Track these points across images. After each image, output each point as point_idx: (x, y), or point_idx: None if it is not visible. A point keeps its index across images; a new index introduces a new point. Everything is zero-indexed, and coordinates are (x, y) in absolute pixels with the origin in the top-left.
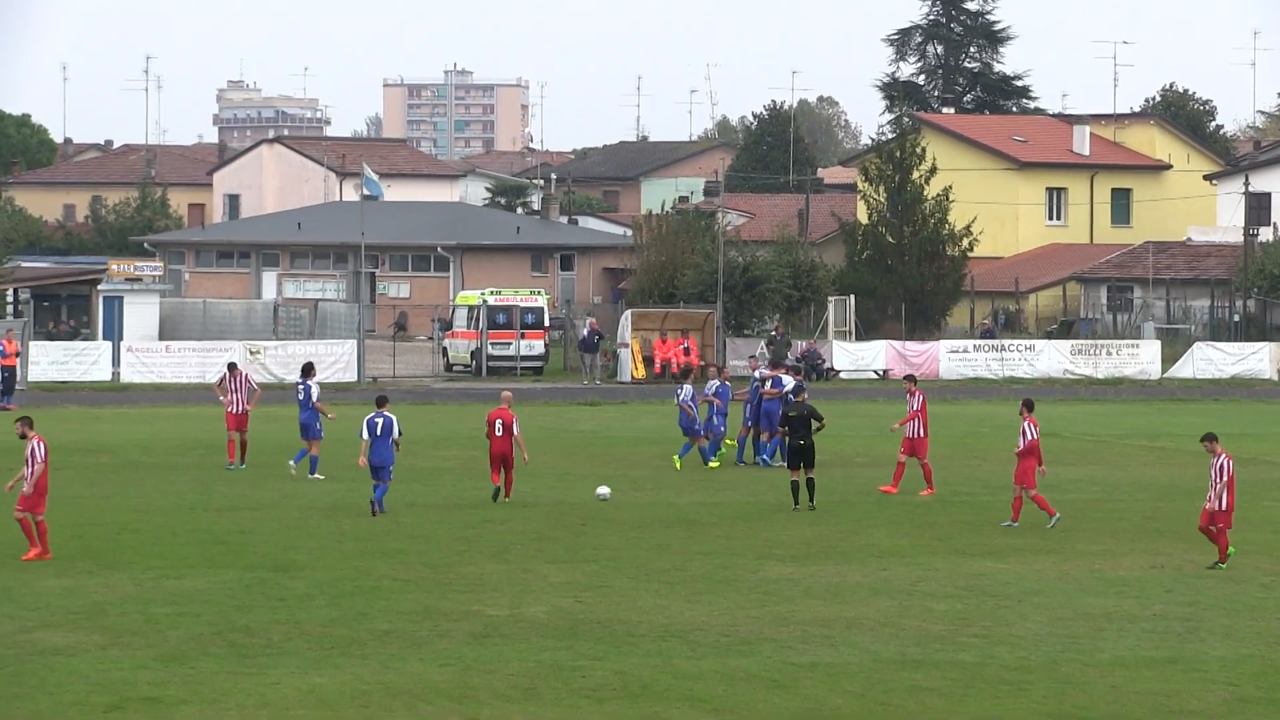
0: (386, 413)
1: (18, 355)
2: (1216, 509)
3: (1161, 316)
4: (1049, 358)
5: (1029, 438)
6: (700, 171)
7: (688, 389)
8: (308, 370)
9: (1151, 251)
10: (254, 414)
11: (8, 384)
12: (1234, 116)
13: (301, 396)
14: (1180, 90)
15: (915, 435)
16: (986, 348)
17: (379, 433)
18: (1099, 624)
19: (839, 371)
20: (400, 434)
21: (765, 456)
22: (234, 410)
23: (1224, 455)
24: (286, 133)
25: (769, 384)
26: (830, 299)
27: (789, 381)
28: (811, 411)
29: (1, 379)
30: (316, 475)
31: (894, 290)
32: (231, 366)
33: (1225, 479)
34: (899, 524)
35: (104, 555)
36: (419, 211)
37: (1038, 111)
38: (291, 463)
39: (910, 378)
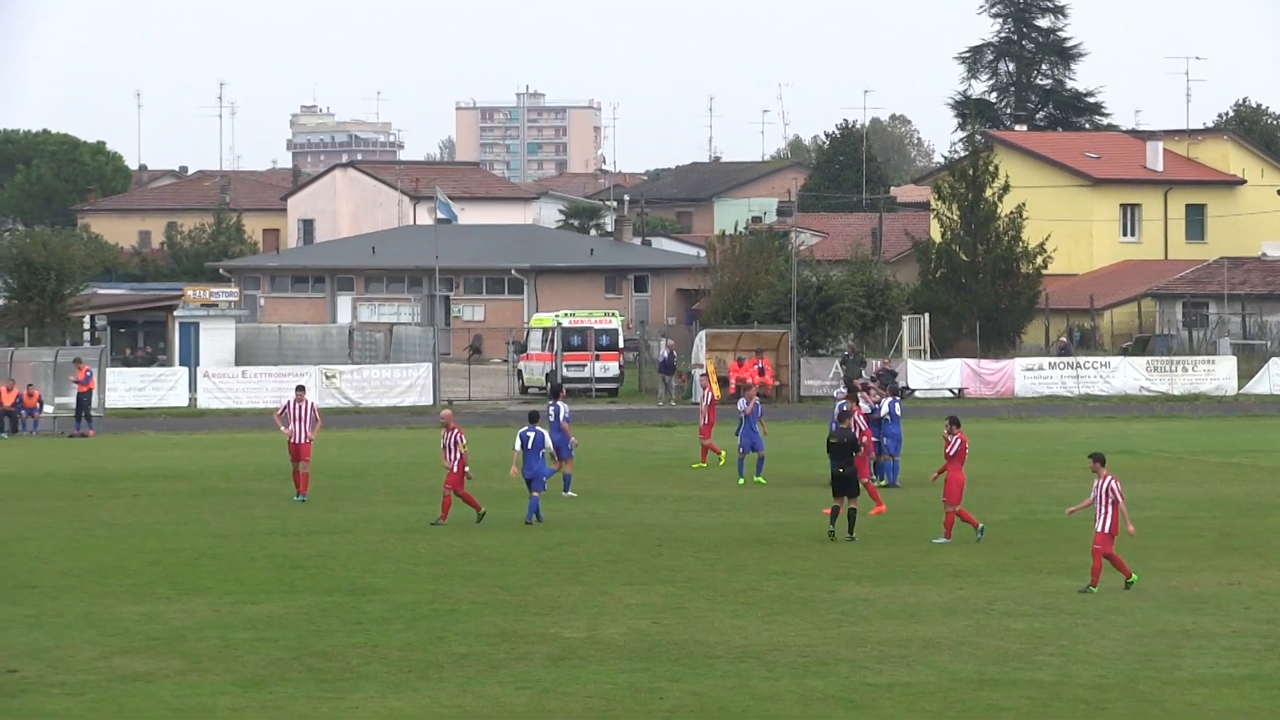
0: (538, 427)
1: (90, 380)
2: (1102, 531)
3: (1237, 332)
4: (1124, 375)
5: (954, 450)
6: (773, 191)
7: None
8: (556, 391)
9: (1226, 267)
10: (330, 439)
11: (83, 410)
12: None
13: (552, 418)
14: (1253, 105)
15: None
16: (1062, 365)
17: (530, 446)
18: (1177, 641)
19: (914, 390)
20: (548, 448)
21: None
22: (296, 440)
23: (1109, 477)
24: (360, 157)
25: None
26: (904, 318)
27: (884, 403)
28: (853, 439)
29: (77, 405)
30: (570, 493)
31: (968, 308)
32: (300, 390)
33: (1112, 500)
34: (973, 543)
35: (182, 581)
36: (492, 234)
37: (1110, 128)
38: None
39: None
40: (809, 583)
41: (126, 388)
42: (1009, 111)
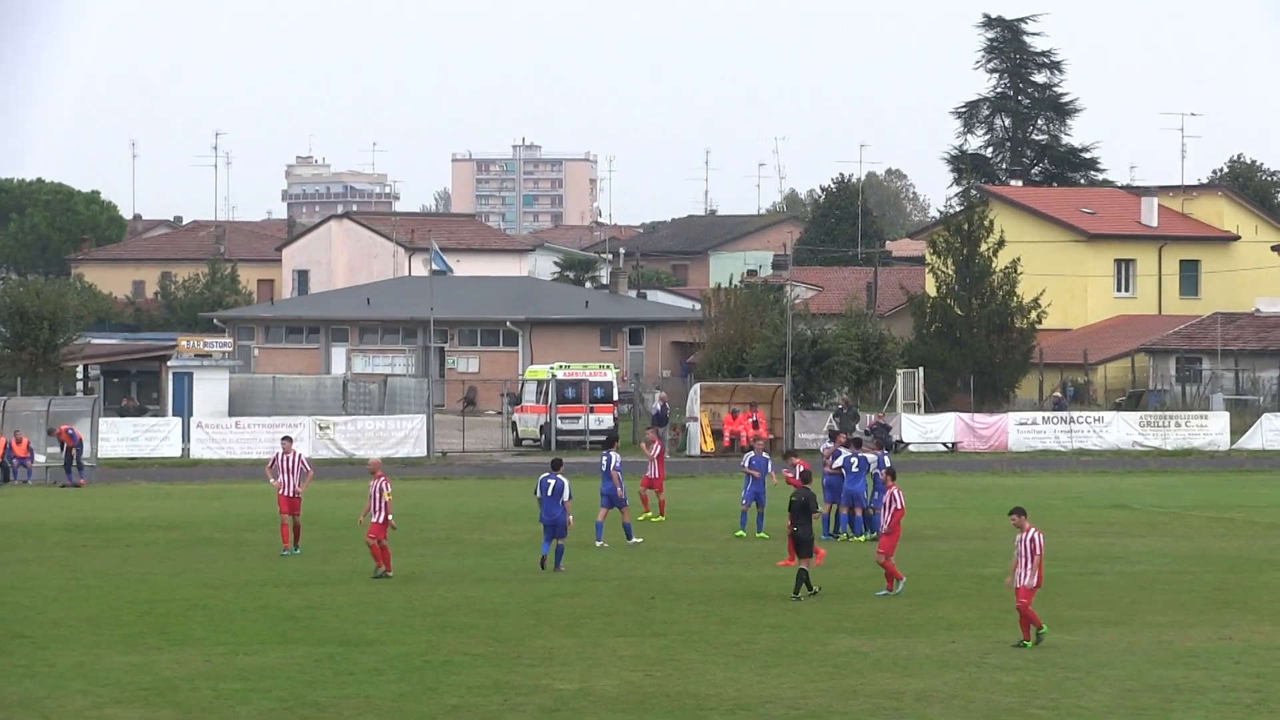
0: (560, 475)
1: (74, 435)
2: (1026, 585)
3: (1230, 388)
4: (1118, 429)
5: (897, 505)
6: (768, 245)
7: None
8: (610, 441)
9: (1220, 322)
10: (323, 489)
11: (72, 461)
12: None
13: (604, 467)
14: (1248, 161)
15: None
16: (1055, 420)
17: (550, 493)
18: (1168, 695)
19: (908, 444)
20: (570, 496)
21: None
22: (286, 493)
23: (1032, 530)
24: (355, 208)
25: (832, 461)
26: (899, 371)
27: (870, 459)
28: (810, 498)
29: (65, 457)
30: (635, 540)
31: (963, 362)
32: (286, 441)
33: (1036, 556)
34: (967, 597)
35: (174, 631)
36: (487, 286)
37: (1105, 183)
38: (598, 542)
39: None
40: (802, 635)
41: (119, 437)
42: (1004, 166)
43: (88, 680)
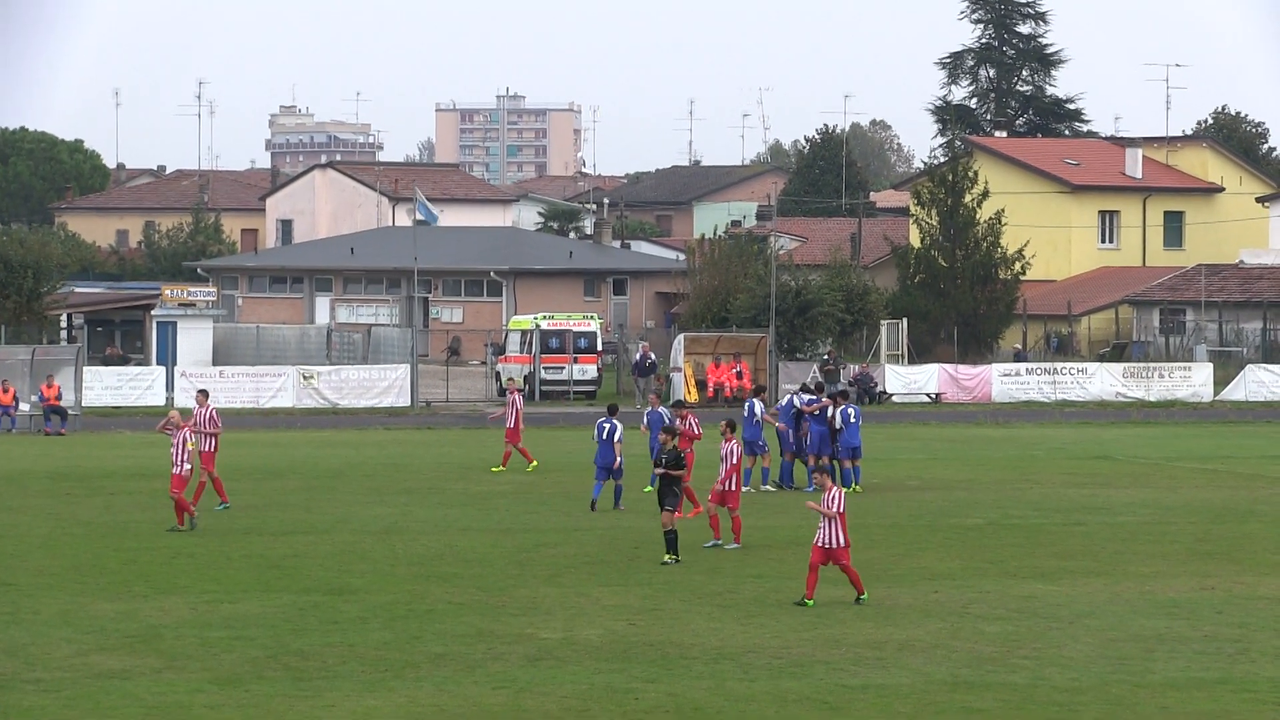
0: (614, 419)
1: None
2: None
3: (1214, 339)
4: (1101, 381)
5: (733, 460)
6: (753, 196)
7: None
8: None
9: (1204, 274)
10: (307, 439)
11: (54, 412)
12: None
13: (603, 436)
14: (1233, 113)
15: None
16: (1039, 371)
17: (605, 436)
18: (1150, 646)
19: (891, 395)
20: (621, 439)
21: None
22: (205, 448)
23: (835, 489)
24: (339, 158)
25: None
26: (883, 323)
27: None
28: (677, 457)
29: (47, 409)
30: (621, 507)
31: (946, 314)
32: (202, 394)
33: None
34: (950, 547)
35: (159, 580)
36: (472, 236)
37: (1090, 135)
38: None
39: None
40: (785, 585)
41: (103, 386)
42: (989, 118)
43: (72, 628)
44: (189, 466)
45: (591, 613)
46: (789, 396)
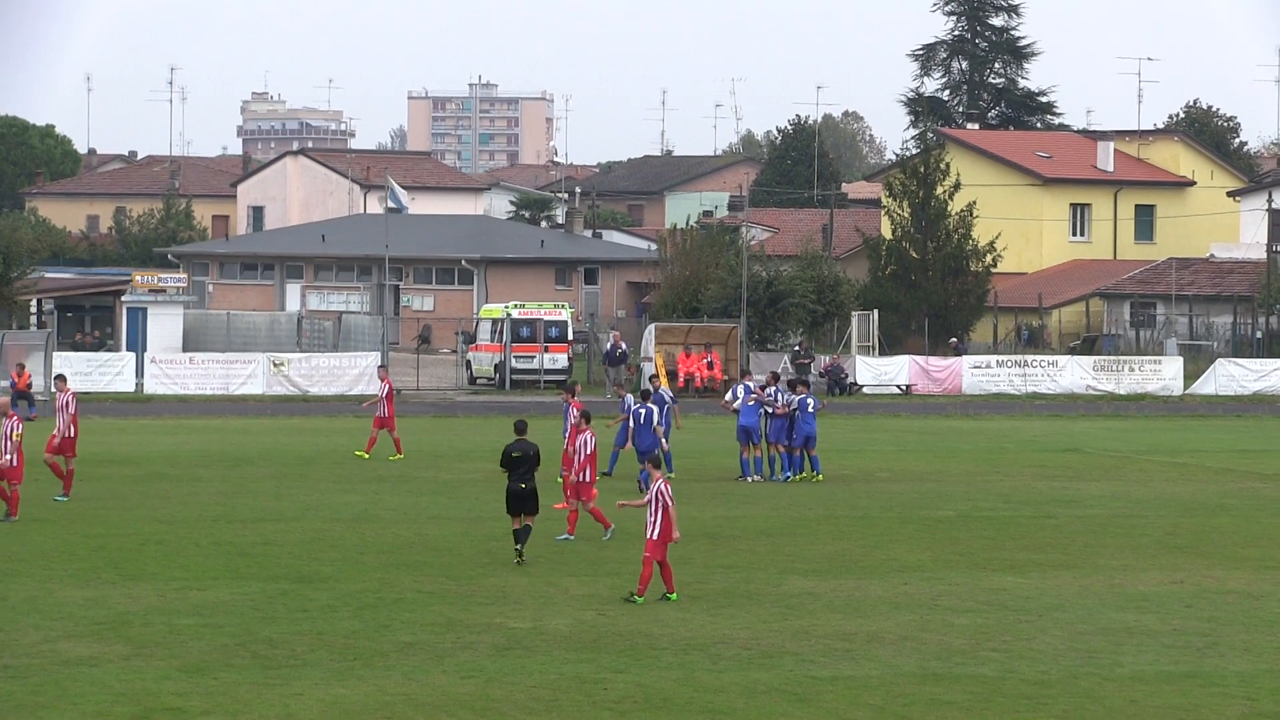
0: (650, 404)
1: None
2: (652, 538)
3: (1184, 333)
4: (1071, 373)
5: (588, 451)
6: (725, 186)
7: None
8: (647, 394)
9: (1174, 268)
10: (277, 426)
11: (21, 397)
12: (1258, 133)
13: (642, 420)
14: (1204, 107)
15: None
16: (1010, 363)
17: (642, 421)
18: (1118, 639)
19: (862, 386)
20: (659, 421)
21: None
22: (61, 434)
23: (660, 480)
24: (311, 145)
25: (779, 399)
26: (854, 314)
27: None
28: (536, 453)
29: (15, 395)
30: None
31: (917, 306)
32: (60, 380)
33: (662, 506)
34: (920, 539)
35: (127, 566)
36: (443, 225)
37: (1062, 127)
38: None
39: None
40: (755, 576)
41: (73, 372)
42: (961, 110)
43: (40, 614)
44: (9, 457)
45: (560, 602)
46: (739, 387)
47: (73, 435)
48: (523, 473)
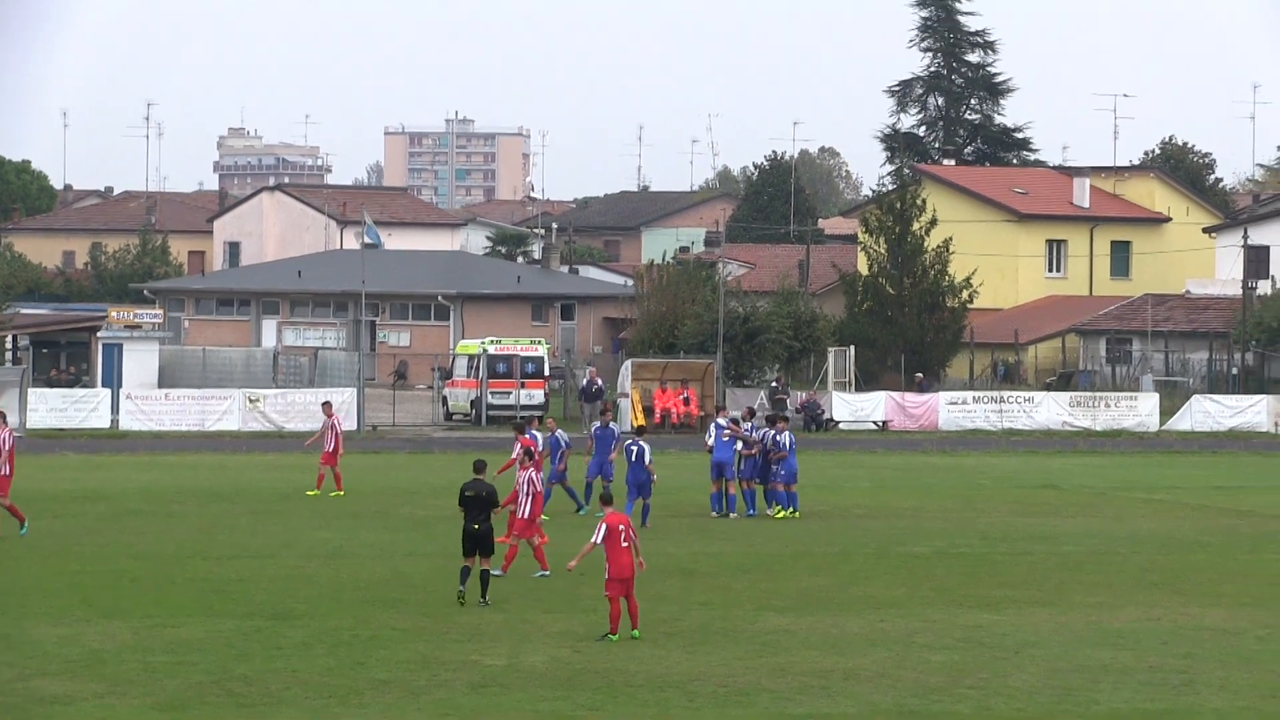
0: (642, 441)
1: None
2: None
3: (1160, 369)
4: (1048, 409)
5: (534, 489)
6: (701, 221)
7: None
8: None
9: (1150, 304)
10: (254, 463)
11: None
12: (1233, 170)
13: (632, 458)
14: (1180, 143)
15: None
16: (986, 399)
17: (634, 458)
18: (1095, 676)
19: (839, 422)
20: (651, 460)
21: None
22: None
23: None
24: (287, 180)
25: (766, 437)
26: (830, 350)
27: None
28: (491, 493)
29: None
30: (645, 525)
31: (894, 342)
32: (0, 417)
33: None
34: (896, 575)
35: (102, 603)
36: (419, 260)
37: (1038, 164)
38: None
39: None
40: (731, 613)
41: (48, 408)
42: (937, 145)
43: (14, 651)
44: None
45: (536, 639)
46: (712, 424)
47: (8, 473)
48: (477, 513)
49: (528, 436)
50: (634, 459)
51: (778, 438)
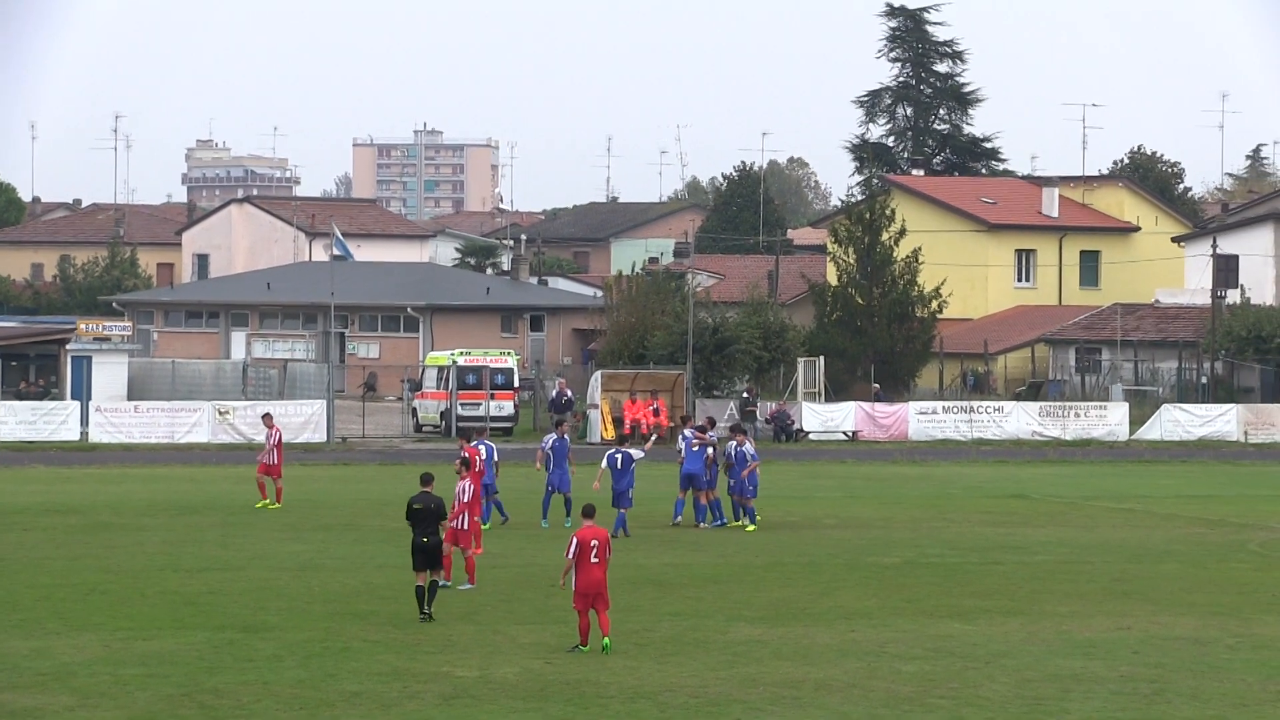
0: (625, 449)
1: None
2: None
3: (1129, 378)
4: (1017, 419)
5: (464, 499)
6: (670, 232)
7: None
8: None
9: (1120, 313)
10: (222, 475)
11: None
12: (1202, 179)
13: (620, 465)
14: (1149, 153)
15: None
16: (956, 409)
17: (619, 466)
18: (1066, 685)
19: (808, 433)
20: (641, 453)
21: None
22: None
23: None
24: (256, 192)
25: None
26: (800, 360)
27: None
28: (439, 506)
29: None
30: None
31: (863, 352)
32: None
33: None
34: (867, 586)
35: (72, 616)
36: (388, 272)
37: (1007, 173)
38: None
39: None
40: (702, 624)
41: (17, 421)
42: (906, 156)
43: None
44: None
45: (508, 651)
46: (680, 436)
47: None
48: (426, 526)
49: (474, 446)
50: (619, 466)
51: (740, 449)
